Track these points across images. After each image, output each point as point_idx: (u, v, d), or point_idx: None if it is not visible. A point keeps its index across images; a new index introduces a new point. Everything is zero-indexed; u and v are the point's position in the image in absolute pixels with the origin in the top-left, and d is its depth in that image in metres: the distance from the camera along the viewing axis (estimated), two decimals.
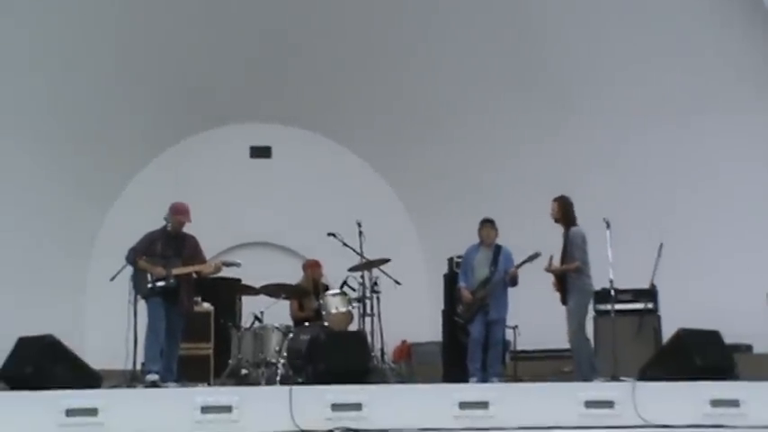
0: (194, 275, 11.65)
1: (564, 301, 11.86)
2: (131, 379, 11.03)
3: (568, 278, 11.80)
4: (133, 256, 11.34)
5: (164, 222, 11.61)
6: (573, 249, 11.78)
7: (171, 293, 11.33)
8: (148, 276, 11.29)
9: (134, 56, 15.99)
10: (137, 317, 11.17)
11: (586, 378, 11.33)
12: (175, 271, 11.33)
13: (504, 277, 12.19)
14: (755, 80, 14.48)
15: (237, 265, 11.93)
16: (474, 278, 12.38)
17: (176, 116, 17.00)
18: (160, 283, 11.24)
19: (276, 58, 16.67)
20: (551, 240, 11.98)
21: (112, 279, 11.41)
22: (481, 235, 12.47)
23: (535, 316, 12.17)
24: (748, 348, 13.15)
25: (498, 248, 12.39)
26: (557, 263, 11.87)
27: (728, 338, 11.15)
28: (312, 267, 14.12)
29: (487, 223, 12.49)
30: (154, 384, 10.83)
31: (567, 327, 11.81)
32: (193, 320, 12.18)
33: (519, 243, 12.06)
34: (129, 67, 16.08)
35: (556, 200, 12.07)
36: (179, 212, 11.61)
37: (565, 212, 11.99)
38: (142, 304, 11.35)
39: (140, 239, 11.53)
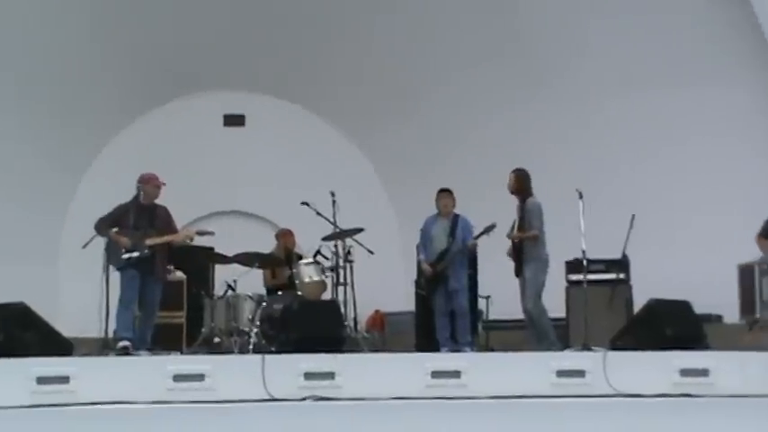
0: (168, 245, 11.62)
1: (518, 273, 11.93)
2: (103, 347, 11.02)
3: (525, 248, 11.89)
4: (101, 226, 11.29)
5: (135, 193, 11.56)
6: (531, 219, 11.88)
7: (145, 263, 11.30)
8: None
9: (107, 23, 15.87)
10: (109, 286, 11.15)
11: (550, 348, 11.41)
12: (149, 241, 11.30)
13: (462, 248, 12.22)
14: (726, 52, 14.55)
15: (211, 233, 11.92)
16: (432, 249, 12.42)
17: (149, 84, 16.89)
18: (134, 254, 11.20)
19: (250, 25, 16.56)
20: None
21: (84, 246, 11.38)
22: (438, 205, 12.51)
23: (507, 286, 12.20)
24: (718, 319, 13.27)
25: (456, 218, 12.42)
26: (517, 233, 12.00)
27: (699, 309, 11.25)
28: (285, 236, 14.14)
29: (443, 193, 12.51)
30: (125, 351, 10.81)
31: (521, 297, 11.88)
32: (166, 289, 12.15)
33: (495, 213, 12.06)
34: (101, 35, 15.96)
35: (514, 172, 12.14)
36: (152, 182, 11.57)
37: (522, 184, 12.08)
38: (116, 273, 11.33)
39: (111, 210, 11.48)
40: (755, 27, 13.98)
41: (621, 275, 13.10)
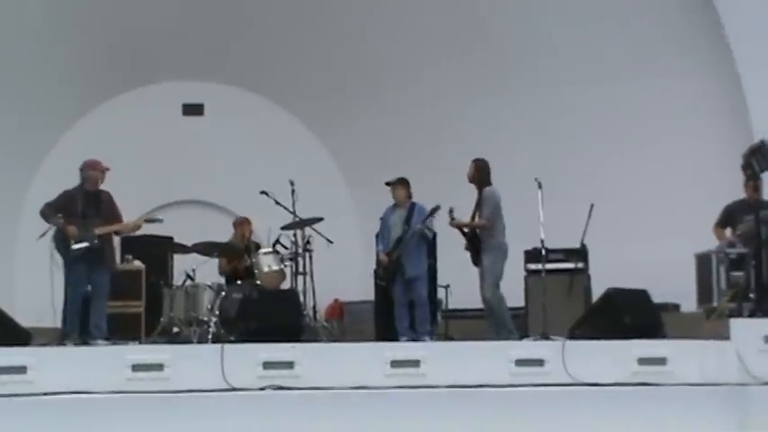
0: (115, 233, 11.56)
1: (476, 262, 11.98)
2: (62, 337, 10.94)
3: (482, 238, 11.94)
4: (47, 212, 11.17)
5: (79, 180, 11.47)
6: (483, 208, 11.92)
7: (94, 253, 11.20)
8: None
9: (63, 11, 15.74)
10: (60, 275, 11.08)
11: (508, 337, 11.45)
12: (98, 231, 11.20)
13: (412, 234, 12.24)
14: (684, 45, 14.69)
15: (159, 221, 11.89)
16: (390, 238, 12.45)
17: (107, 73, 16.77)
18: (83, 245, 11.09)
19: (209, 14, 16.50)
20: None
21: (41, 237, 11.27)
22: (393, 195, 12.55)
23: (467, 275, 12.23)
24: (676, 307, 13.35)
25: (413, 206, 12.45)
26: (466, 220, 12.04)
27: (657, 298, 11.32)
28: (242, 225, 14.08)
29: (394, 183, 12.55)
30: (84, 342, 10.77)
31: (481, 286, 11.91)
32: (124, 278, 12.11)
33: (454, 204, 12.08)
34: (57, 22, 15.83)
35: (474, 161, 12.22)
36: (96, 167, 11.46)
37: (480, 174, 12.14)
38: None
39: (57, 196, 11.36)
40: (714, 21, 14.13)
41: (580, 265, 13.14)
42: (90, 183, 11.42)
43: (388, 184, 12.58)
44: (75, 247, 11.02)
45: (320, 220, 13.01)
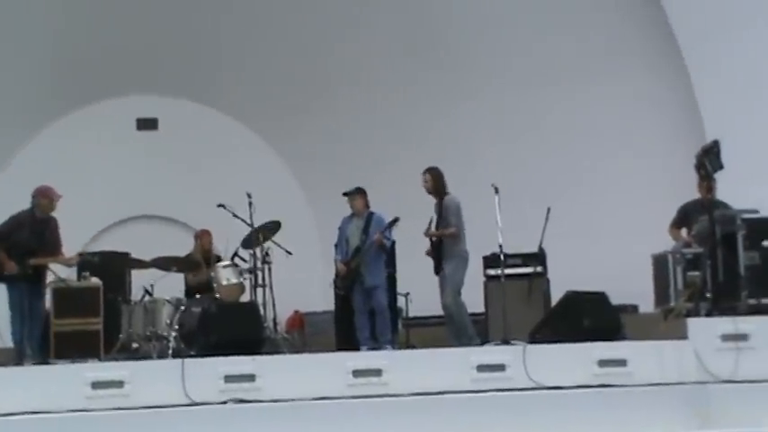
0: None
1: (437, 271, 12.00)
2: (18, 357, 10.86)
3: (445, 245, 11.95)
4: None
5: (30, 205, 11.51)
6: (449, 216, 11.95)
7: (32, 276, 11.31)
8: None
9: (12, 27, 15.63)
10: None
11: (469, 343, 11.47)
12: (33, 261, 11.30)
13: (370, 244, 12.25)
14: (637, 47, 14.89)
15: (95, 259, 11.95)
16: (349, 248, 12.46)
17: (58, 89, 16.62)
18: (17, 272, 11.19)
19: (161, 28, 16.43)
20: None
21: None
22: (350, 205, 12.56)
23: (426, 283, 12.23)
24: (634, 309, 13.43)
25: (370, 216, 12.47)
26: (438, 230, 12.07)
27: (615, 299, 11.37)
28: (202, 236, 14.02)
29: (351, 193, 12.57)
30: (42, 362, 10.71)
31: (441, 293, 11.92)
32: (82, 296, 11.99)
33: (413, 211, 12.07)
34: (6, 38, 15.70)
35: (428, 171, 12.20)
36: (47, 195, 11.45)
37: (437, 183, 12.14)
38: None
39: (5, 222, 11.36)
40: (664, 24, 14.29)
41: (539, 269, 13.21)
42: (41, 210, 11.43)
43: (345, 194, 12.59)
44: (8, 273, 11.15)
45: (277, 223, 12.95)
